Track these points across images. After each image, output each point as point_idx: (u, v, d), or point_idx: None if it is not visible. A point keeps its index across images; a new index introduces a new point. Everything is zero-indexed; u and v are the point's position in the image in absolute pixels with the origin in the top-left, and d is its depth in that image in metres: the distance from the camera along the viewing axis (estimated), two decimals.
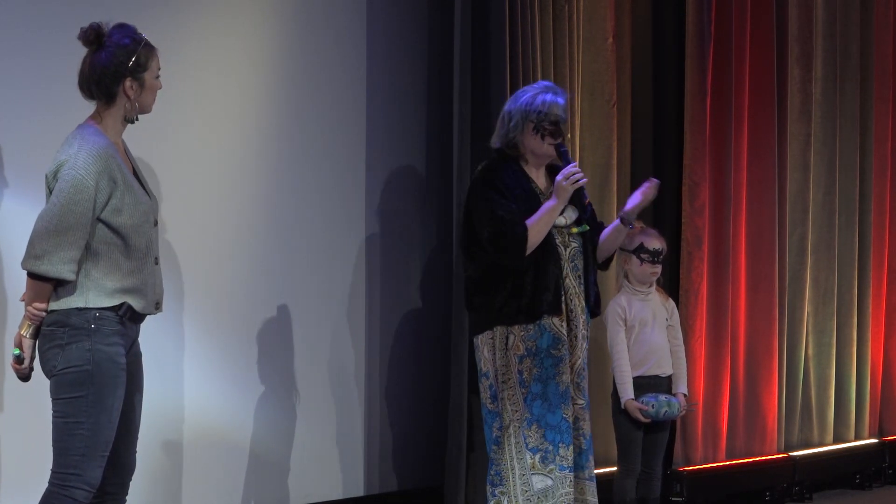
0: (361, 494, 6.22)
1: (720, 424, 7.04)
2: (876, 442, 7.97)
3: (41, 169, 4.29)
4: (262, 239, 5.86)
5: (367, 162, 6.23)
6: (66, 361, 4.11)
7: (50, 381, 4.15)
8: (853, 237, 7.88)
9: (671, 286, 6.73)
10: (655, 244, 5.82)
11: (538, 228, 5.10)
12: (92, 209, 4.09)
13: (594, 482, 5.29)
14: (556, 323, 5.16)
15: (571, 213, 5.22)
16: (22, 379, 4.22)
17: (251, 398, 5.85)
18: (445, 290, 6.29)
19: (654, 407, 5.69)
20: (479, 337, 5.24)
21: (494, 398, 5.19)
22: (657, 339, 5.82)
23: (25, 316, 4.16)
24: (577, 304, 5.21)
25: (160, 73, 4.30)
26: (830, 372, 7.71)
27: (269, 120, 5.88)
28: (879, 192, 8.01)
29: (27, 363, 4.18)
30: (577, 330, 5.21)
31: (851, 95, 7.86)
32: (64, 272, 4.07)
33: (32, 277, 4.11)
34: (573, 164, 5.16)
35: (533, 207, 5.14)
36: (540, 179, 5.28)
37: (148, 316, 4.32)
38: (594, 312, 5.35)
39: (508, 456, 5.15)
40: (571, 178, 5.09)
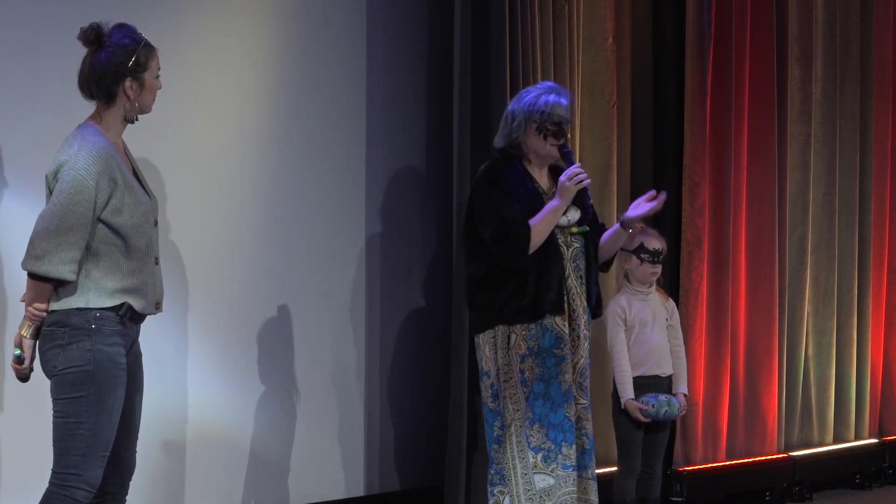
0: (361, 494, 6.22)
1: (720, 424, 7.04)
2: (876, 442, 7.96)
3: (41, 169, 4.28)
4: (262, 239, 5.86)
5: (367, 162, 6.23)
6: (66, 361, 4.11)
7: (50, 381, 4.15)
8: (853, 237, 7.88)
9: (671, 286, 6.73)
10: (655, 244, 5.82)
11: (541, 228, 5.10)
12: (92, 209, 4.09)
13: (595, 482, 5.29)
14: (558, 322, 5.15)
15: (573, 213, 5.21)
16: (22, 379, 4.22)
17: (251, 398, 5.85)
18: (445, 289, 6.29)
19: (654, 407, 5.69)
20: (480, 336, 5.23)
21: (495, 397, 5.19)
22: (657, 339, 5.82)
23: (26, 316, 4.16)
24: (578, 304, 5.21)
25: (160, 73, 4.30)
26: (830, 372, 7.70)
27: (269, 120, 5.88)
28: (879, 192, 8.01)
29: (27, 363, 4.17)
30: (578, 330, 5.21)
31: (851, 95, 7.86)
32: (64, 272, 4.07)
33: (33, 278, 4.11)
34: (577, 164, 5.16)
35: (536, 207, 5.13)
36: (543, 179, 5.27)
37: (148, 316, 4.33)
38: (595, 313, 5.34)
39: (510, 455, 5.15)
40: (575, 178, 5.09)
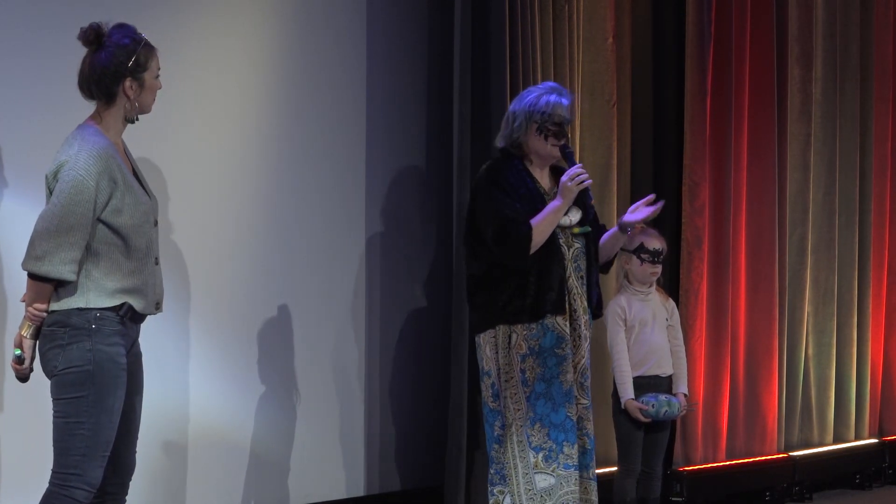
0: (362, 494, 6.22)
1: (720, 424, 7.04)
2: (876, 442, 7.96)
3: (41, 169, 4.28)
4: (262, 239, 5.86)
5: (367, 162, 6.23)
6: (66, 361, 4.11)
7: (51, 381, 4.15)
8: (853, 237, 7.87)
9: (671, 286, 6.73)
10: (655, 244, 5.82)
11: (542, 228, 5.10)
12: (92, 210, 4.09)
13: (596, 482, 5.29)
14: (559, 322, 5.15)
15: (575, 213, 5.21)
16: (21, 380, 4.22)
17: (251, 398, 5.85)
18: (445, 289, 6.29)
19: (654, 407, 5.69)
20: (481, 335, 5.23)
21: (496, 397, 5.19)
22: (657, 339, 5.82)
23: (26, 317, 4.16)
24: (579, 304, 5.21)
25: (160, 73, 4.30)
26: (830, 372, 7.70)
27: (269, 120, 5.88)
28: (879, 192, 8.01)
29: (27, 364, 4.17)
30: (579, 330, 5.21)
31: (851, 95, 7.86)
32: (65, 273, 4.07)
33: (33, 278, 4.11)
34: (578, 165, 5.16)
35: (537, 207, 5.13)
36: (544, 180, 5.27)
37: (148, 316, 4.33)
38: (596, 314, 5.34)
39: (511, 455, 5.14)
40: (576, 179, 5.09)
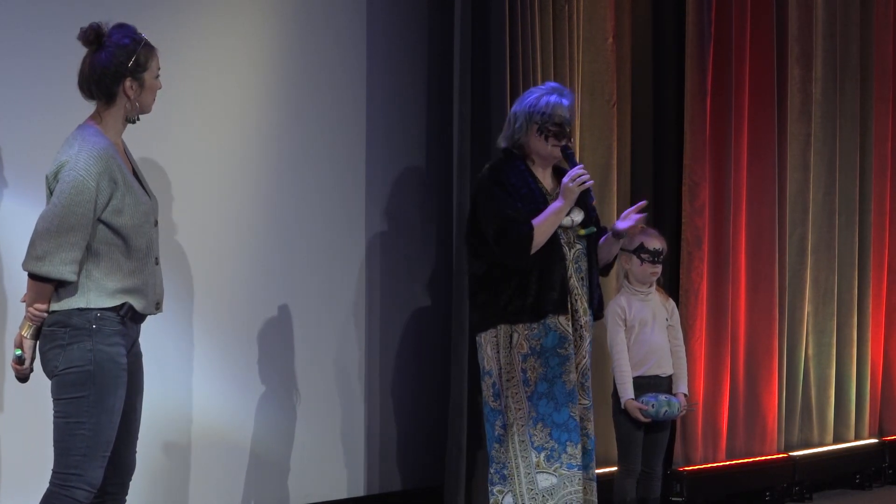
0: (362, 494, 6.22)
1: (720, 424, 7.04)
2: (876, 442, 7.96)
3: (41, 169, 4.28)
4: (262, 239, 5.86)
5: (367, 162, 6.22)
6: (67, 362, 4.11)
7: (51, 381, 4.15)
8: (853, 237, 7.87)
9: (671, 286, 6.73)
10: (655, 244, 5.82)
11: (544, 229, 5.10)
12: (93, 210, 4.09)
13: (595, 482, 5.29)
14: (562, 322, 5.15)
15: (578, 214, 5.21)
16: (21, 380, 4.22)
17: (251, 398, 5.85)
18: (446, 289, 6.29)
19: (654, 407, 5.69)
20: (482, 335, 5.23)
21: (497, 396, 5.19)
22: (657, 339, 5.82)
23: (26, 317, 4.16)
24: (580, 304, 5.21)
25: (160, 72, 4.30)
26: (830, 372, 7.70)
27: (269, 120, 5.88)
28: (879, 192, 8.01)
29: (28, 364, 4.17)
30: (581, 330, 5.21)
31: (851, 95, 7.86)
32: (65, 273, 4.07)
33: (33, 278, 4.10)
34: (579, 166, 5.16)
35: (539, 208, 5.13)
36: (546, 180, 5.27)
37: (148, 316, 4.33)
38: (597, 315, 5.34)
39: (513, 454, 5.14)
40: (578, 179, 5.09)
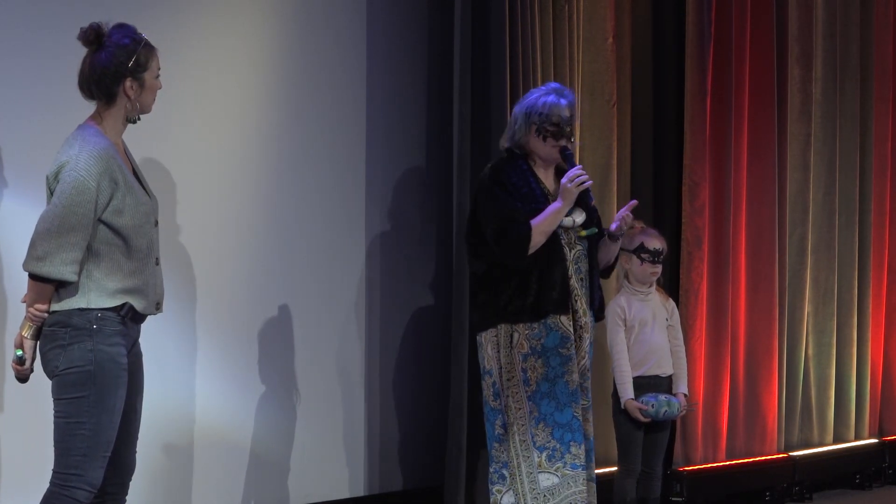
0: (362, 494, 6.22)
1: (720, 424, 7.04)
2: (876, 442, 7.96)
3: (41, 169, 4.28)
4: (262, 239, 5.86)
5: (367, 162, 6.22)
6: (67, 362, 4.11)
7: (52, 381, 4.15)
8: (853, 237, 7.87)
9: (671, 286, 6.73)
10: (655, 244, 5.82)
11: (542, 229, 5.10)
12: (93, 210, 4.09)
13: (595, 482, 5.29)
14: (563, 322, 5.15)
15: (579, 215, 5.21)
16: (21, 380, 4.22)
17: (251, 398, 5.85)
18: (446, 289, 6.29)
19: (654, 407, 5.69)
20: (482, 334, 5.23)
21: (497, 396, 5.19)
22: (657, 339, 5.82)
23: (26, 317, 4.16)
24: (580, 305, 5.21)
25: (160, 72, 4.30)
26: (830, 372, 7.70)
27: (269, 120, 5.87)
28: (879, 192, 8.01)
29: (28, 364, 4.18)
30: (580, 331, 5.22)
31: (851, 95, 7.86)
32: (66, 273, 4.07)
33: (34, 279, 4.10)
34: (578, 166, 5.16)
35: (539, 207, 5.13)
36: (548, 180, 5.27)
37: (148, 316, 4.32)
38: (598, 316, 5.35)
39: (514, 453, 5.14)
40: (576, 180, 5.09)
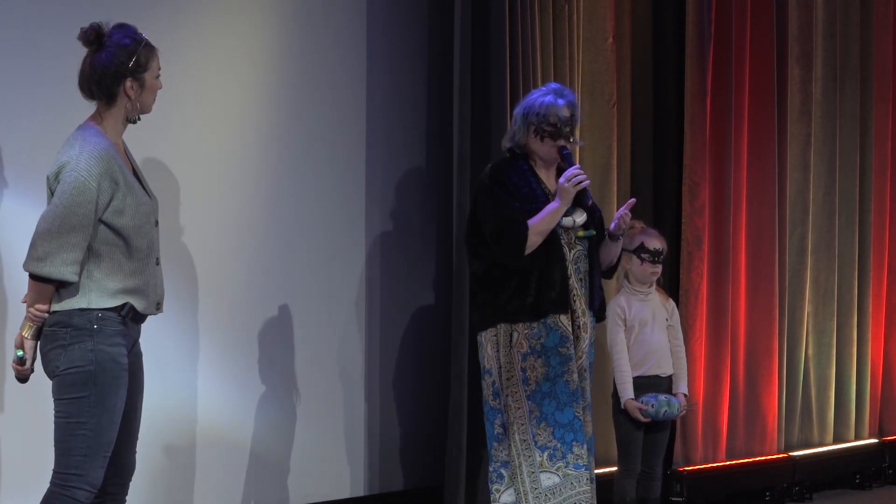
0: (362, 494, 6.22)
1: (720, 424, 7.04)
2: (876, 442, 7.96)
3: (41, 169, 4.28)
4: (262, 239, 5.86)
5: (367, 162, 6.22)
6: (68, 362, 4.11)
7: (52, 381, 4.15)
8: (853, 237, 7.87)
9: (671, 286, 6.73)
10: (655, 244, 5.81)
11: (539, 229, 5.11)
12: (94, 211, 4.09)
13: (594, 482, 5.28)
14: (563, 321, 5.16)
15: (579, 215, 5.22)
16: (22, 380, 4.22)
17: (251, 398, 5.85)
18: (445, 289, 6.29)
19: (653, 407, 5.69)
20: (482, 334, 5.24)
21: (496, 395, 5.19)
22: (657, 339, 5.82)
23: (27, 317, 4.16)
24: (579, 305, 5.21)
25: (160, 72, 4.30)
26: (830, 372, 7.70)
27: (269, 120, 5.87)
28: (879, 192, 8.01)
29: (29, 364, 4.18)
30: (578, 331, 5.22)
31: (851, 95, 7.86)
32: (66, 274, 4.07)
33: (35, 279, 4.10)
34: (576, 166, 5.16)
35: (539, 207, 5.14)
36: (550, 180, 5.27)
37: (148, 316, 4.32)
38: (599, 317, 5.35)
39: (515, 453, 5.14)
40: (573, 180, 5.10)
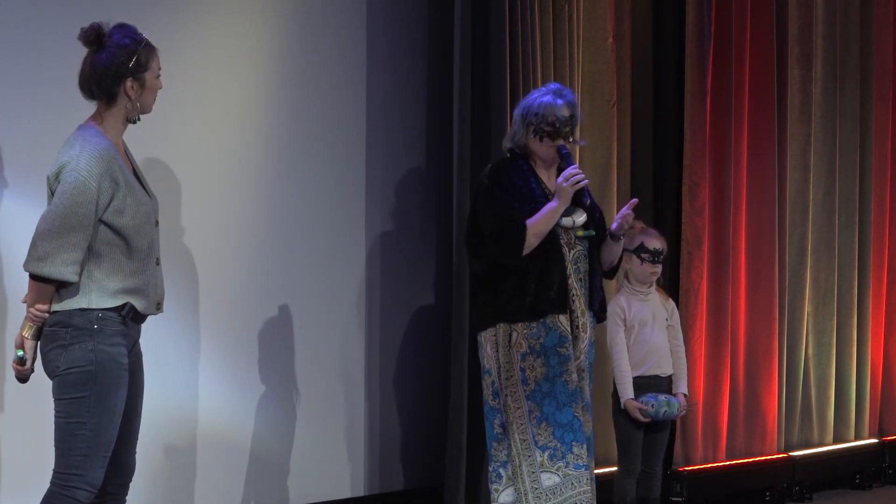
0: (362, 494, 6.22)
1: (720, 424, 7.04)
2: (876, 442, 7.96)
3: (41, 169, 4.28)
4: (262, 239, 5.86)
5: (367, 162, 6.22)
6: (68, 362, 4.11)
7: (52, 381, 4.15)
8: (853, 237, 7.87)
9: (671, 286, 6.73)
10: (655, 244, 5.82)
11: (538, 229, 5.11)
12: (94, 211, 4.08)
13: (594, 482, 5.28)
14: (562, 321, 5.16)
15: (579, 215, 5.22)
16: (22, 380, 4.22)
17: (251, 398, 5.85)
18: (445, 289, 6.29)
19: (653, 407, 5.69)
20: (482, 334, 5.24)
21: (496, 395, 5.20)
22: (657, 339, 5.82)
23: (27, 317, 4.15)
24: (578, 305, 5.21)
25: (160, 72, 4.30)
26: (830, 372, 7.70)
27: (269, 120, 5.87)
28: (879, 192, 8.01)
29: (29, 364, 4.17)
30: (576, 331, 5.21)
31: (851, 95, 7.86)
32: (67, 274, 4.07)
33: (35, 279, 4.10)
34: (574, 166, 5.17)
35: (537, 207, 5.14)
36: (550, 181, 5.26)
37: (148, 316, 4.32)
38: (600, 318, 5.35)
39: (515, 453, 5.14)
40: (571, 179, 5.10)
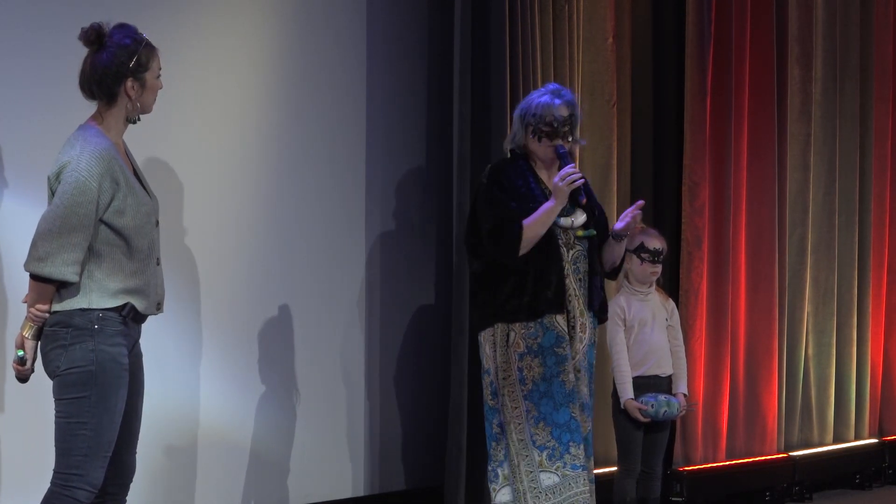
0: (362, 494, 6.22)
1: (720, 424, 7.04)
2: (876, 442, 7.97)
3: (41, 169, 4.28)
4: (262, 239, 5.86)
5: (367, 162, 6.23)
6: (69, 362, 4.11)
7: (53, 381, 4.15)
8: (853, 237, 7.88)
9: (671, 286, 6.73)
10: (655, 244, 5.82)
11: (535, 228, 5.11)
12: (95, 211, 4.08)
13: (593, 482, 5.28)
14: (559, 321, 5.16)
15: (579, 216, 5.22)
16: (22, 380, 4.22)
17: (251, 398, 5.85)
18: (445, 289, 6.29)
19: (653, 407, 5.69)
20: (481, 333, 5.25)
21: (495, 395, 5.20)
22: (657, 339, 5.82)
23: (28, 318, 4.15)
24: (576, 305, 5.21)
25: (161, 72, 4.30)
26: (830, 372, 7.71)
27: (269, 120, 5.87)
28: (879, 192, 8.01)
29: (29, 364, 4.17)
30: (573, 331, 5.22)
31: (851, 95, 7.86)
32: (67, 274, 4.07)
33: (35, 279, 4.10)
34: (571, 165, 5.17)
35: (535, 207, 5.14)
36: (550, 181, 5.26)
37: (149, 317, 4.32)
38: (600, 318, 5.35)
39: (514, 452, 5.14)
40: (567, 179, 5.10)
